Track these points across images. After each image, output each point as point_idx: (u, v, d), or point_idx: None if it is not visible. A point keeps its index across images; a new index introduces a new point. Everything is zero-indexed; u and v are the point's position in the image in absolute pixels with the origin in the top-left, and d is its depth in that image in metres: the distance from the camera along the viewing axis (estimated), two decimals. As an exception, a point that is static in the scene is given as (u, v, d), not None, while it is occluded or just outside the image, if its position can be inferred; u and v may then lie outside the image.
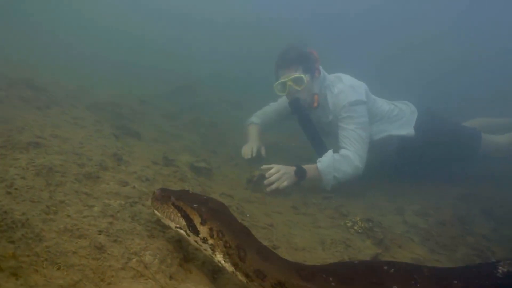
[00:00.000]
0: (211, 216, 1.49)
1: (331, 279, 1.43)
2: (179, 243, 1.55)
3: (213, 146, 4.08)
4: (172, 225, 1.49)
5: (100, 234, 1.36)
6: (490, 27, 14.95)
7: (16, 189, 1.45)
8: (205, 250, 1.45)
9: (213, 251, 1.44)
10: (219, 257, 1.44)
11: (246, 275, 1.40)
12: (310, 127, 3.44)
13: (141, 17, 14.83)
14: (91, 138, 2.55)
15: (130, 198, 1.79)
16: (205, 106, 5.94)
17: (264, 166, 3.02)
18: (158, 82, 7.21)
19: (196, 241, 1.46)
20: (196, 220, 1.46)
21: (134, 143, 3.15)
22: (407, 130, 3.51)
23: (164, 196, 1.58)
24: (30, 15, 9.31)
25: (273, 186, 2.89)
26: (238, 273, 1.42)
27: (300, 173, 3.01)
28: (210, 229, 1.45)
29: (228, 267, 1.44)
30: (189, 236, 1.46)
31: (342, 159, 3.08)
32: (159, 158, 2.72)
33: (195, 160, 2.91)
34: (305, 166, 3.05)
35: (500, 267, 1.60)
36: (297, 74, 3.27)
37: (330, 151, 3.13)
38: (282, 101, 3.90)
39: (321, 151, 3.28)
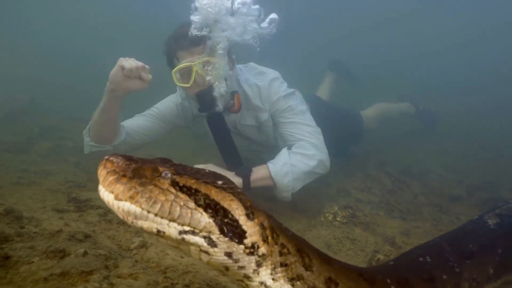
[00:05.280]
0: (253, 203, 0.90)
1: (388, 281, 1.21)
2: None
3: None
4: (172, 229, 0.76)
5: None
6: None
7: None
8: (242, 269, 0.85)
9: (259, 266, 0.87)
10: (263, 276, 0.89)
11: None
12: (225, 131, 2.56)
13: None
14: None
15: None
16: (57, 128, 4.57)
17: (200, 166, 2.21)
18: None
19: (230, 255, 0.81)
20: (239, 212, 0.83)
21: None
22: None
23: (141, 169, 0.79)
24: None
25: None
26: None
27: (244, 174, 2.32)
28: (262, 227, 0.88)
29: (280, 286, 0.92)
30: (215, 246, 0.79)
31: (301, 156, 2.42)
32: (62, 200, 1.80)
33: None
34: (253, 168, 2.38)
35: (488, 220, 1.71)
36: (208, 57, 2.32)
37: (284, 149, 2.49)
38: (164, 109, 2.92)
39: (235, 164, 2.54)
